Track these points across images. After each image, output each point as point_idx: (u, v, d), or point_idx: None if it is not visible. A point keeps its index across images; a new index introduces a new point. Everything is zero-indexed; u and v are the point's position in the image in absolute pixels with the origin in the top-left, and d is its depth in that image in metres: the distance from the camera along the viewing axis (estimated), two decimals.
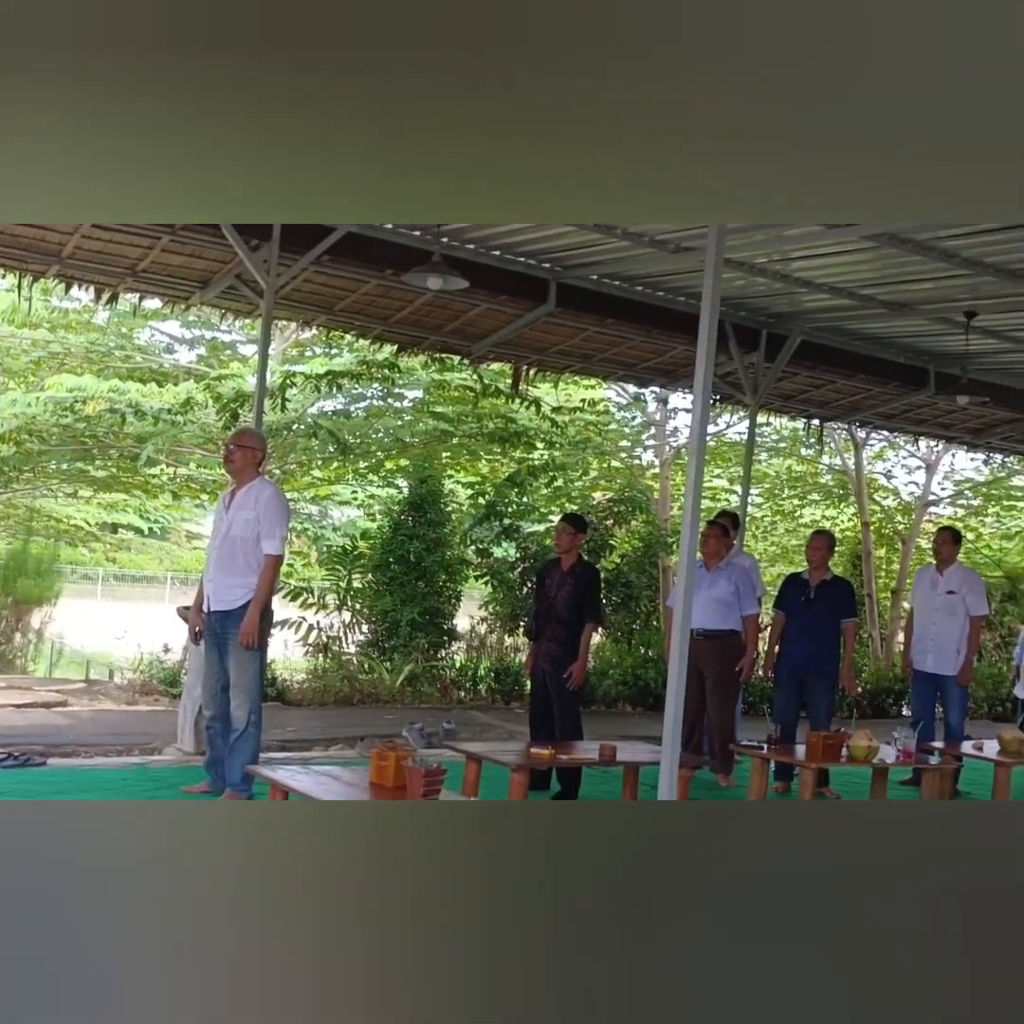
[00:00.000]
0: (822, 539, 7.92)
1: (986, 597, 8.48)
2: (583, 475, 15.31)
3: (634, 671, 11.54)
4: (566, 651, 6.82)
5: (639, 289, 8.47)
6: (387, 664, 11.09)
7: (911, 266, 7.29)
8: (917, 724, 7.86)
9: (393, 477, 14.09)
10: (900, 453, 17.35)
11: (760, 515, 17.59)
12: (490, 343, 9.03)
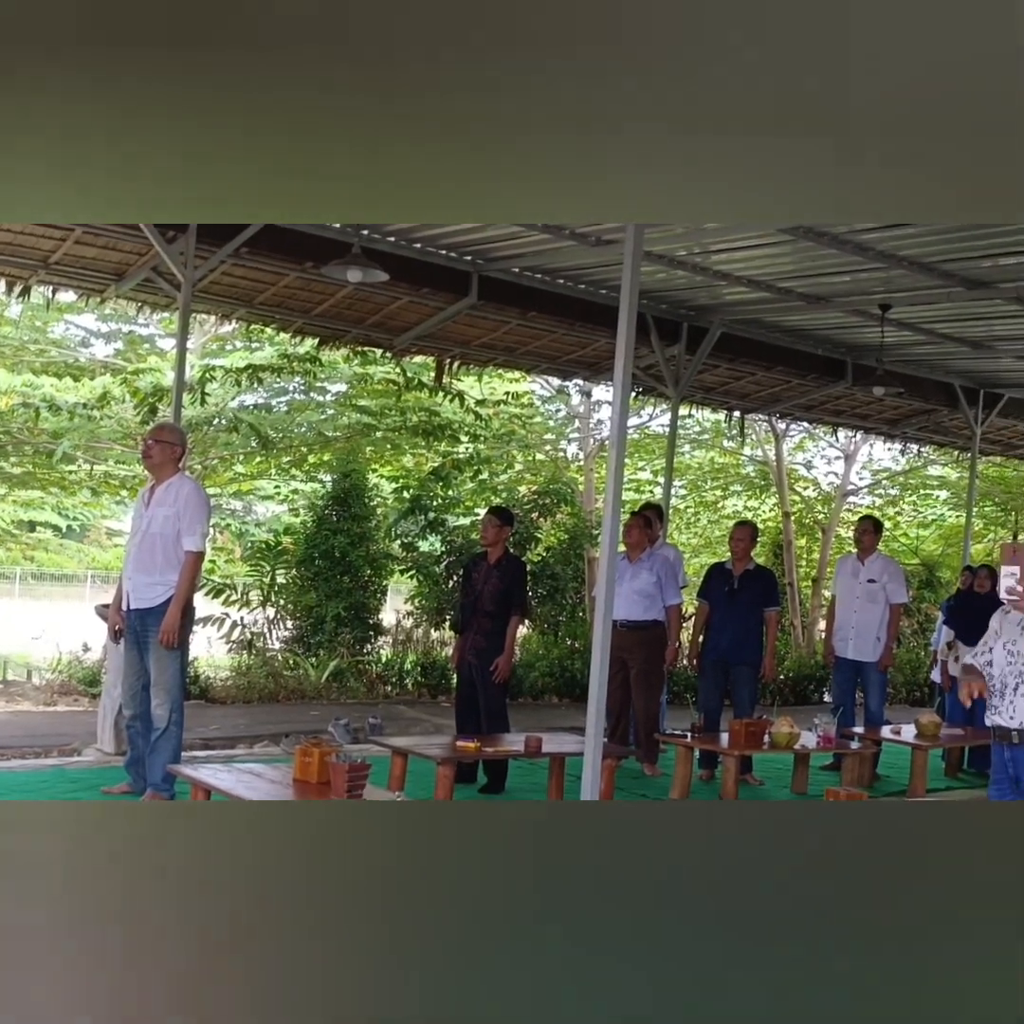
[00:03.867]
0: (745, 530, 8.01)
1: (905, 585, 8.66)
2: (508, 468, 15.33)
3: (560, 662, 11.59)
4: (492, 644, 6.82)
5: (561, 282, 8.49)
6: (312, 660, 11.01)
7: (828, 259, 7.40)
8: (837, 710, 8.00)
9: (316, 472, 13.96)
10: (819, 444, 17.65)
11: (683, 506, 17.76)
12: (413, 336, 9.00)
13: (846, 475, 17.21)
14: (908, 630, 14.32)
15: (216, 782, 4.77)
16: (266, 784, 4.78)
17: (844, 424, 12.66)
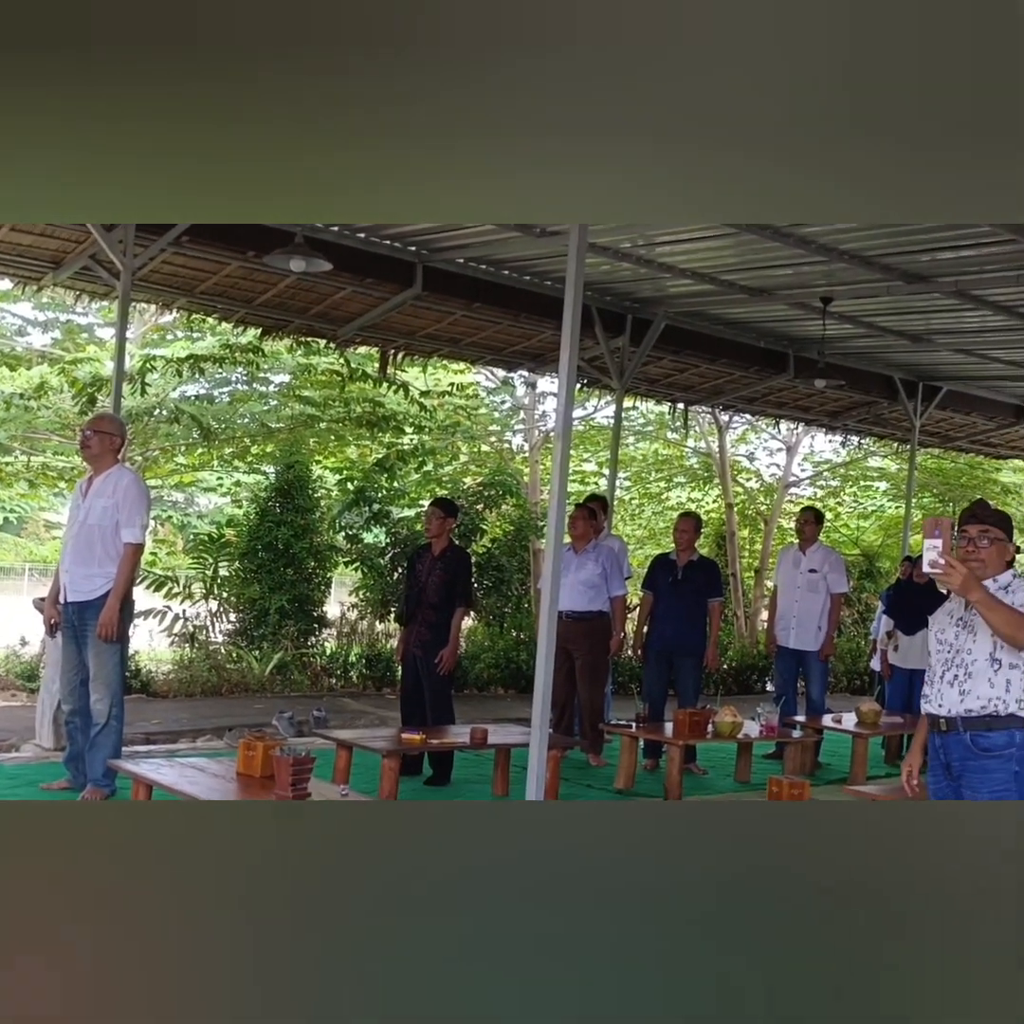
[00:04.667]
0: (688, 521, 8.07)
1: (846, 575, 8.77)
2: (453, 459, 15.29)
3: (506, 654, 11.59)
4: (437, 636, 6.81)
5: (506, 273, 8.48)
6: (256, 653, 10.92)
7: (770, 252, 7.45)
8: (780, 699, 8.09)
9: (259, 463, 13.83)
10: (762, 436, 17.80)
11: (628, 498, 17.84)
12: (356, 327, 8.94)
13: (788, 467, 17.38)
14: (848, 619, 14.50)
15: (158, 777, 4.72)
16: (209, 778, 4.74)
17: (786, 416, 12.79)
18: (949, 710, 3.80)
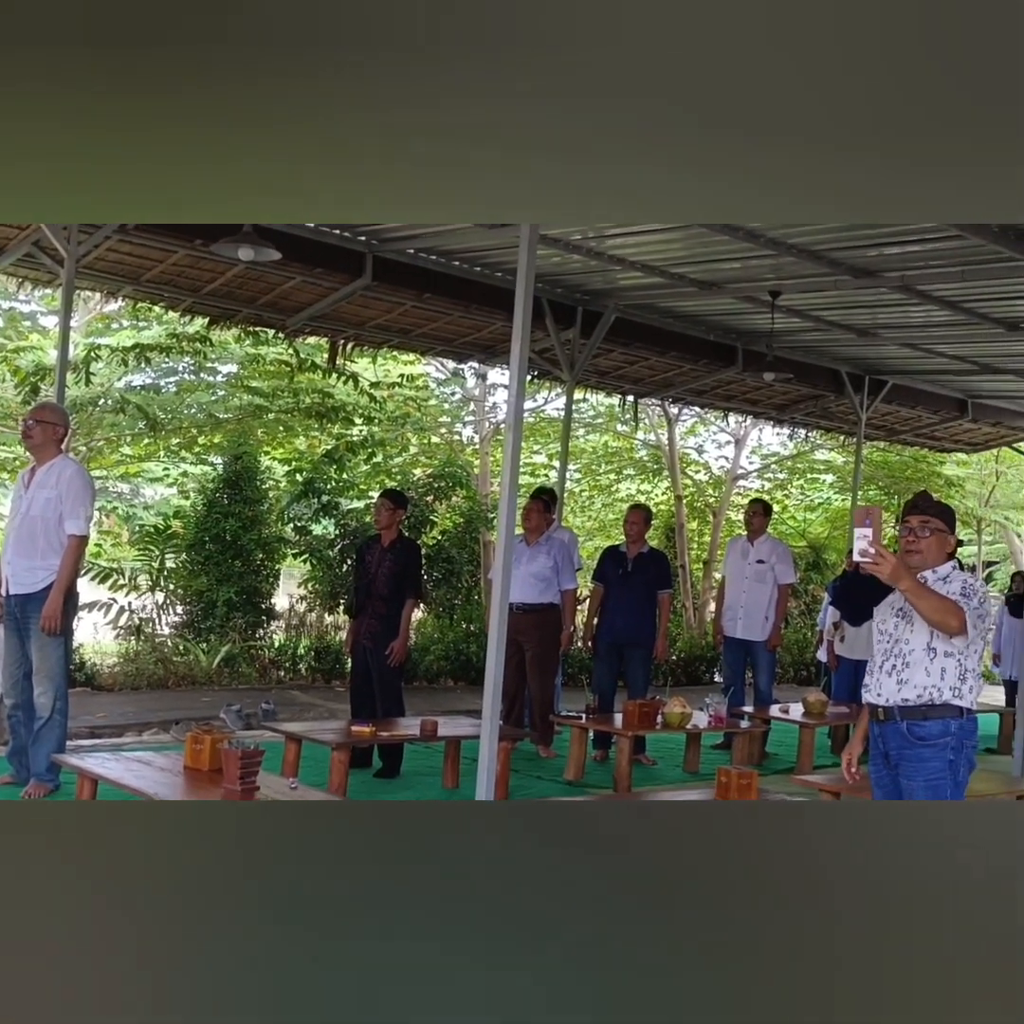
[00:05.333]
0: (638, 513, 8.10)
1: (793, 566, 8.85)
2: (403, 451, 15.23)
3: (456, 646, 11.58)
4: (387, 627, 6.79)
5: (457, 264, 8.45)
6: (203, 645, 10.82)
7: (719, 246, 7.49)
8: (728, 690, 8.16)
9: (207, 454, 13.69)
10: (710, 428, 17.91)
11: (578, 490, 17.88)
12: (305, 317, 8.87)
13: (736, 459, 17.52)
14: (795, 610, 14.64)
15: (103, 771, 4.66)
16: (156, 772, 4.69)
17: (734, 409, 12.88)
18: (887, 699, 3.85)
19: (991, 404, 12.83)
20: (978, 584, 3.82)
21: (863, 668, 4.22)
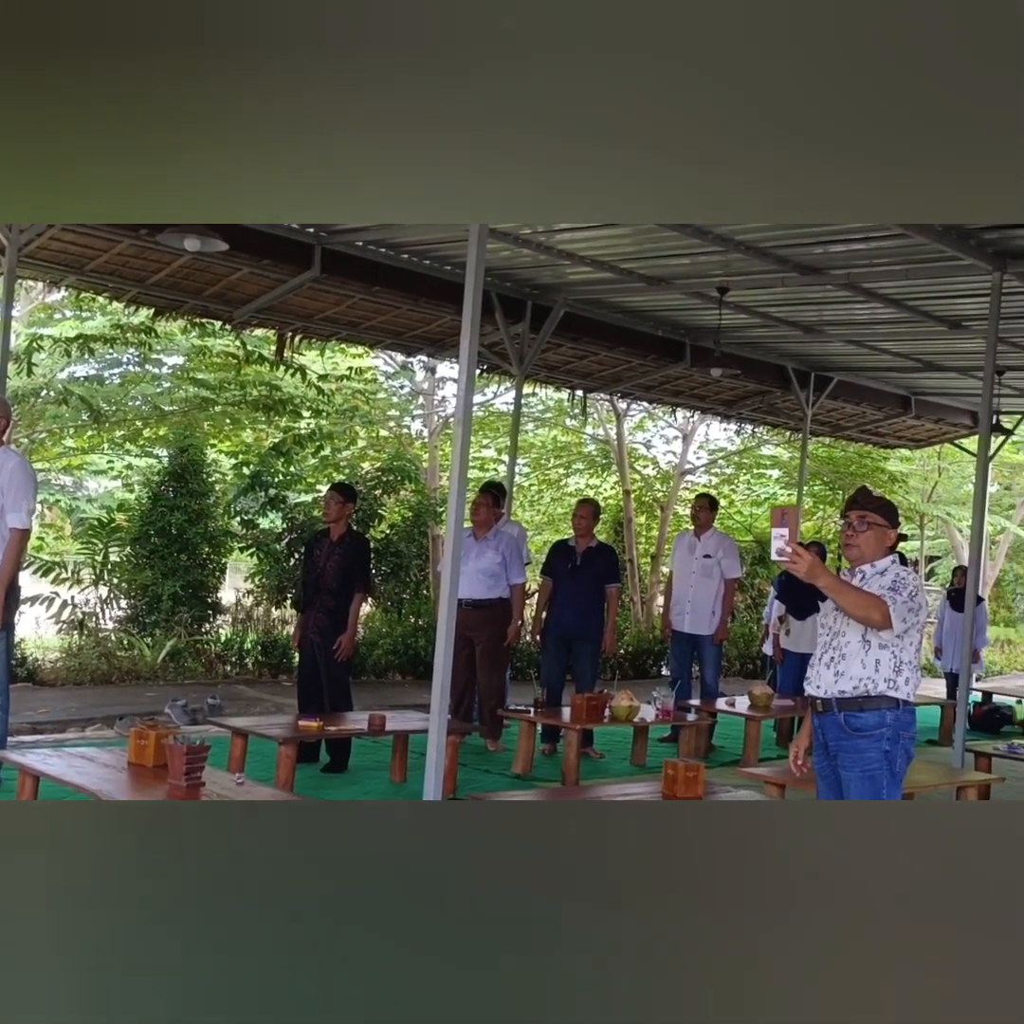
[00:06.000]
0: (587, 507, 8.13)
1: (740, 560, 8.93)
2: (351, 444, 15.16)
3: (404, 640, 11.56)
4: (335, 622, 6.76)
5: (406, 257, 8.42)
6: (148, 640, 10.70)
7: (668, 241, 7.52)
8: (675, 683, 8.21)
9: (152, 446, 13.54)
10: (659, 424, 18.01)
11: (527, 484, 17.90)
12: (253, 308, 8.80)
13: (684, 454, 17.63)
14: (742, 605, 14.77)
15: (45, 768, 4.60)
16: (99, 769, 4.63)
17: (682, 404, 12.96)
18: (825, 691, 3.91)
19: (934, 401, 13.02)
20: (910, 578, 3.88)
21: (808, 661, 4.28)
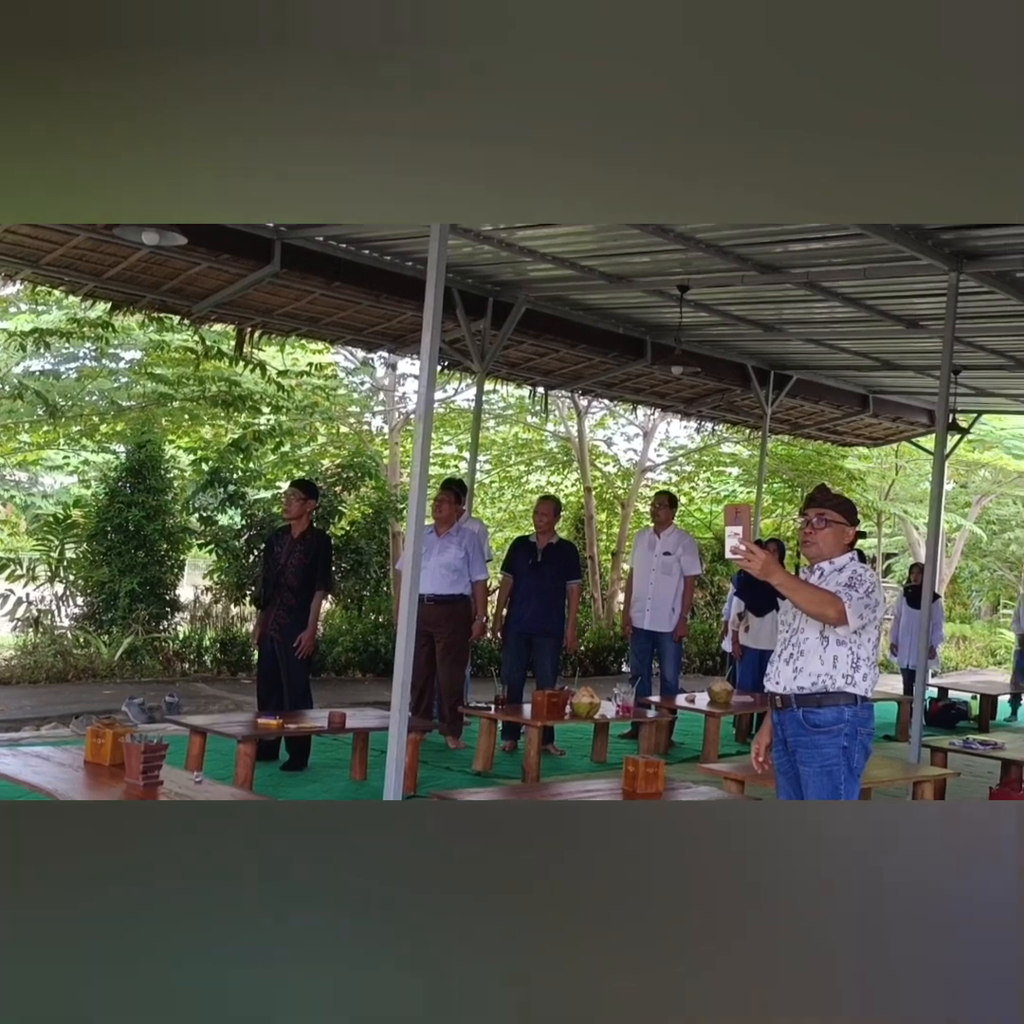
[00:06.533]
0: (548, 504, 8.14)
1: (699, 557, 8.97)
2: (311, 441, 15.09)
3: (364, 637, 11.52)
4: (295, 619, 6.73)
5: (367, 253, 8.38)
6: (104, 637, 10.60)
7: (628, 239, 7.54)
8: (635, 680, 8.24)
9: (109, 442, 13.41)
10: (619, 421, 18.05)
11: (488, 481, 17.90)
12: (212, 303, 8.72)
13: (644, 452, 17.68)
14: (701, 601, 14.84)
15: (0, 767, 4.54)
16: (55, 767, 4.58)
17: (643, 402, 12.99)
18: (784, 687, 3.94)
19: (891, 400, 13.15)
20: (867, 575, 3.92)
21: (767, 658, 4.31)
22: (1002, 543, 20.05)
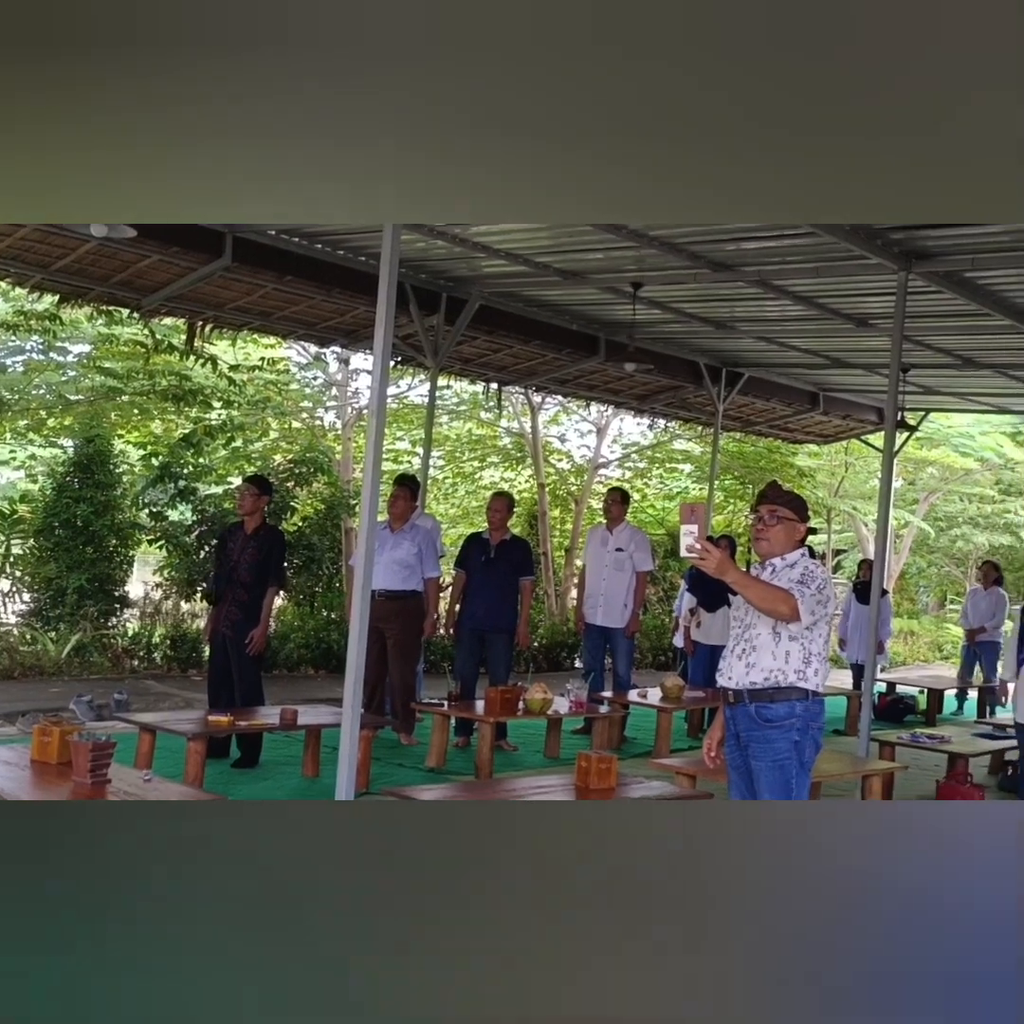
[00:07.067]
0: (501, 501, 8.13)
1: (651, 554, 9.01)
2: (263, 436, 14.98)
3: (317, 634, 11.47)
4: (248, 615, 6.68)
5: (319, 247, 8.32)
6: (52, 634, 10.46)
7: (582, 236, 7.55)
8: (588, 675, 8.26)
9: (57, 436, 13.24)
10: (573, 417, 18.09)
11: (441, 477, 17.87)
12: (162, 297, 8.63)
13: (598, 448, 17.74)
14: (654, 597, 14.92)
15: None
16: (0, 766, 4.51)
17: (597, 398, 13.03)
18: (737, 682, 3.97)
19: (841, 397, 13.27)
20: (819, 571, 3.96)
21: (719, 653, 4.34)
22: (949, 539, 20.32)
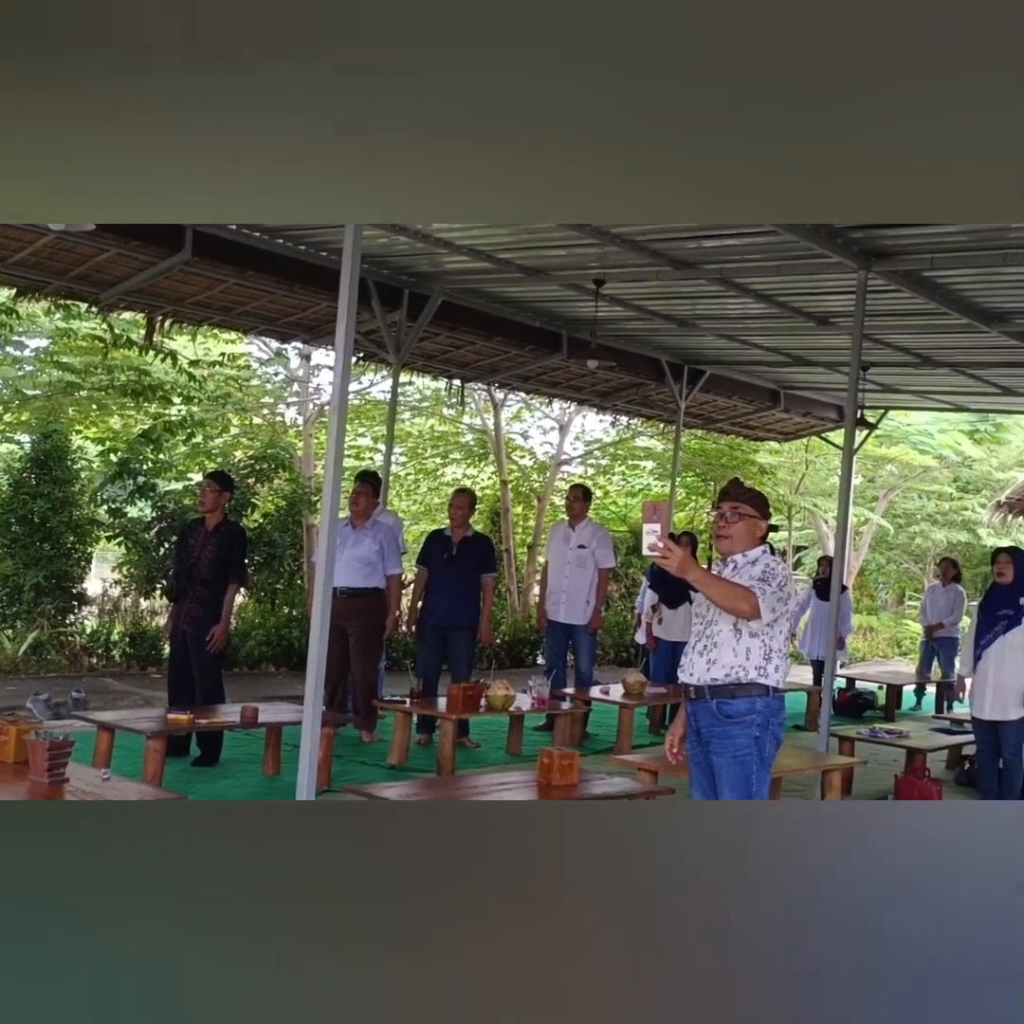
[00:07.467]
0: (463, 497, 8.13)
1: (613, 550, 9.03)
2: (223, 432, 14.87)
3: (278, 631, 11.40)
4: (208, 613, 6.64)
5: (280, 242, 8.27)
6: (8, 632, 10.34)
7: (545, 233, 7.55)
8: (550, 672, 8.28)
9: (13, 432, 13.08)
10: (536, 414, 18.10)
11: (404, 473, 17.82)
12: (121, 291, 8.54)
13: (560, 445, 17.75)
14: (616, 594, 14.96)
15: None
16: None
17: (559, 395, 13.04)
18: (698, 679, 3.99)
19: (801, 395, 13.37)
20: (779, 568, 3.99)
21: (680, 649, 4.35)
22: (908, 536, 20.51)
